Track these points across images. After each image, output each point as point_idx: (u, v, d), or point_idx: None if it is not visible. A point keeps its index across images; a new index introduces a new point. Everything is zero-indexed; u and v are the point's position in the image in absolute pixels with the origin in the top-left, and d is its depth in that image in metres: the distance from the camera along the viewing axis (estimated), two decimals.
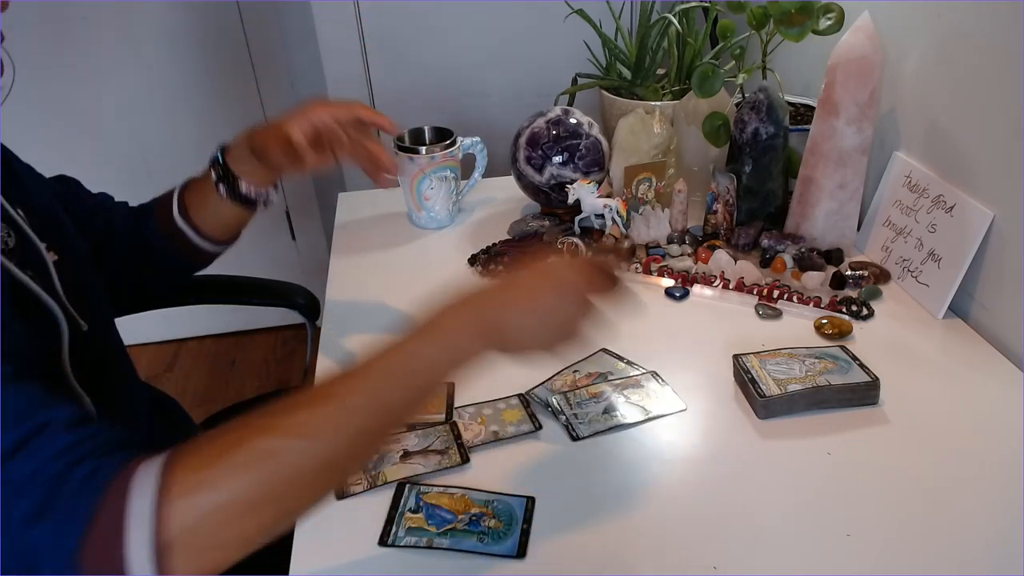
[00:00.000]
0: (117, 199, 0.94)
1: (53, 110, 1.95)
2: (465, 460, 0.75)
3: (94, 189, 0.93)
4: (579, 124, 1.18)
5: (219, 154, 0.86)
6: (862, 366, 0.83)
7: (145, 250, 0.89)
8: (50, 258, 0.71)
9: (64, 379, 0.69)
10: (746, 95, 1.10)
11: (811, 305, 0.97)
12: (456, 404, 0.83)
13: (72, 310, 0.71)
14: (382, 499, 0.71)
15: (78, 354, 0.71)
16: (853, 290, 1.01)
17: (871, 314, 0.97)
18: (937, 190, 0.98)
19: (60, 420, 0.51)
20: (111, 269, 0.86)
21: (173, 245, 0.89)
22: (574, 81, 1.41)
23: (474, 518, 0.69)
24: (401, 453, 0.76)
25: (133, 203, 0.94)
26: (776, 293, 0.99)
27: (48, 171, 0.89)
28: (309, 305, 1.16)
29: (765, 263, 1.07)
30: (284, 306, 1.17)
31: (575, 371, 0.88)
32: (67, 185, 0.89)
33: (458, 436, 0.78)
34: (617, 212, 1.12)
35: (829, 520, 0.68)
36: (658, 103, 1.25)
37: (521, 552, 0.66)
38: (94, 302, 0.77)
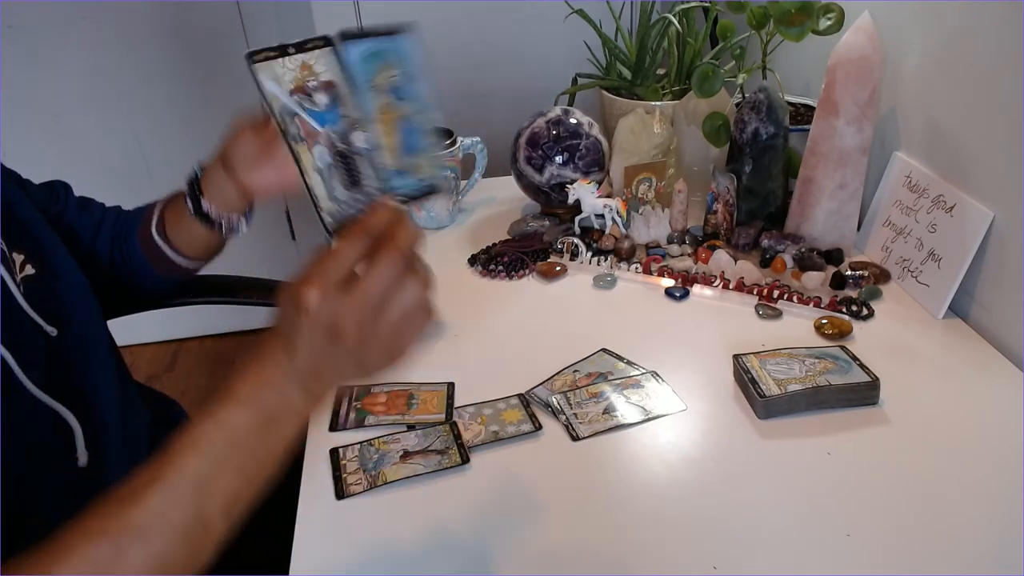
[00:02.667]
0: (117, 199, 0.94)
1: (53, 110, 1.95)
2: (465, 460, 0.75)
3: (95, 190, 0.93)
4: (579, 124, 1.18)
5: (197, 170, 0.85)
6: (862, 366, 0.83)
7: (125, 266, 0.89)
8: (18, 270, 0.70)
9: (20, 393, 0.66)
10: (746, 95, 1.10)
11: (811, 305, 0.97)
12: (456, 404, 0.83)
13: (38, 318, 0.70)
14: (379, 499, 0.71)
15: (57, 361, 0.70)
16: (853, 290, 1.01)
17: (871, 314, 0.96)
18: (937, 190, 0.98)
19: None
20: (94, 277, 0.84)
21: (150, 258, 0.88)
22: (574, 81, 1.41)
23: None
24: (401, 453, 0.76)
25: (133, 203, 0.93)
26: (776, 293, 0.99)
27: (47, 173, 0.88)
28: None
29: (765, 263, 1.07)
30: None
31: (575, 371, 0.88)
32: (54, 193, 0.88)
33: (458, 436, 0.78)
34: (617, 212, 1.12)
35: (829, 520, 0.68)
36: (658, 103, 1.25)
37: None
38: (70, 307, 0.75)
